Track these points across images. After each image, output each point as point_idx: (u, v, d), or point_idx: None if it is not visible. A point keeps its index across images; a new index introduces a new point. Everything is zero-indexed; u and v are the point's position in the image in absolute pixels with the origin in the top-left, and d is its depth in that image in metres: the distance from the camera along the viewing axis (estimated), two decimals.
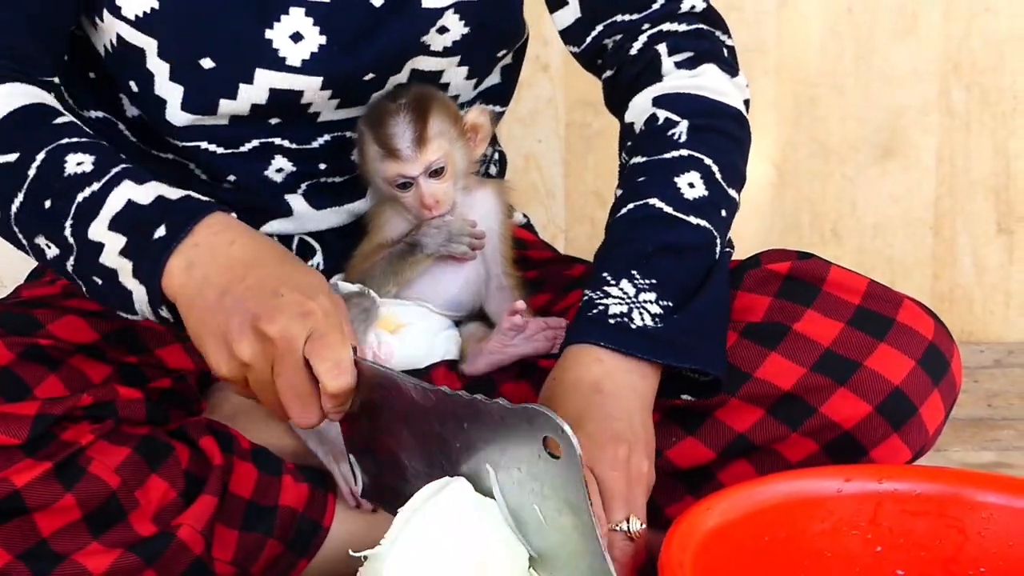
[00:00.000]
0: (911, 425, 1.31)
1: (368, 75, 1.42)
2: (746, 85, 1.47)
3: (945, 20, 2.30)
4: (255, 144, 1.45)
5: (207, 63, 1.38)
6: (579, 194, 2.37)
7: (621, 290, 1.28)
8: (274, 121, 1.44)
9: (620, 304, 1.27)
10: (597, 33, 1.49)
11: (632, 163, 1.40)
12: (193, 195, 1.27)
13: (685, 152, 1.37)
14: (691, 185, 1.35)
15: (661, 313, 1.27)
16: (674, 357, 1.27)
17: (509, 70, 1.57)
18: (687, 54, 1.44)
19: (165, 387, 1.38)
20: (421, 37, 1.42)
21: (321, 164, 1.48)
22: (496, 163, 1.65)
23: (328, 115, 1.45)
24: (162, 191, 1.26)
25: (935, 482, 1.22)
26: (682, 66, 1.44)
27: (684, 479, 1.36)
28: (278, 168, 1.47)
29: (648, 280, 1.29)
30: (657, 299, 1.28)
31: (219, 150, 1.44)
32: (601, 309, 1.28)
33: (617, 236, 1.34)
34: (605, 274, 1.30)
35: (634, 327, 1.26)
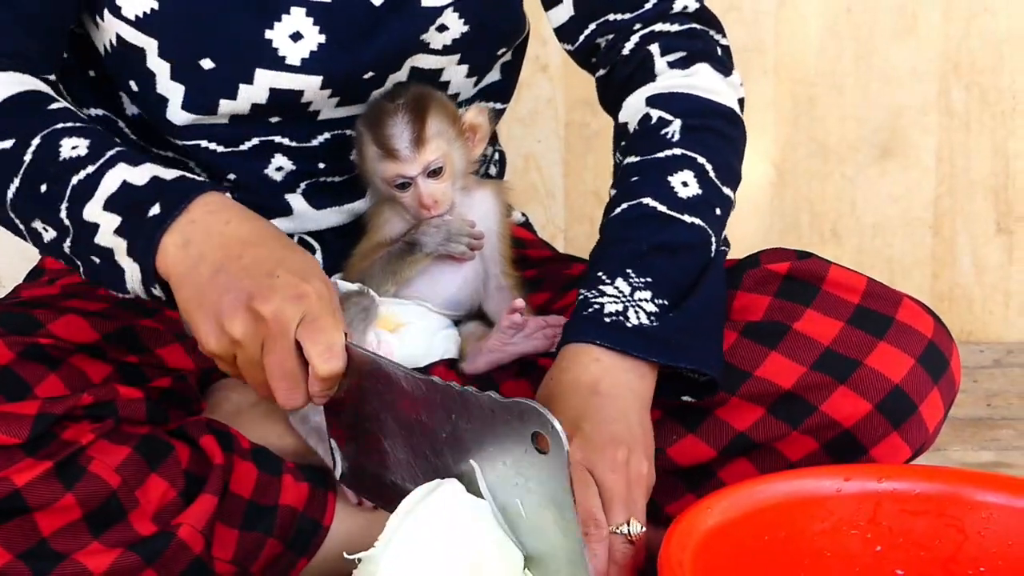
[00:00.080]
0: (911, 423, 1.31)
1: (368, 74, 1.42)
2: (740, 84, 1.47)
3: (944, 20, 2.30)
4: (255, 142, 1.45)
5: (207, 63, 1.38)
6: (578, 194, 2.36)
7: (616, 289, 1.28)
8: (274, 120, 1.44)
9: (615, 303, 1.27)
10: (590, 32, 1.49)
11: (626, 163, 1.40)
12: (188, 175, 1.27)
13: (678, 151, 1.38)
14: (685, 184, 1.35)
15: (656, 312, 1.27)
16: (670, 356, 1.27)
17: (509, 67, 1.57)
18: (680, 54, 1.44)
19: (165, 387, 1.38)
20: (421, 35, 1.42)
21: (320, 163, 1.48)
22: (496, 163, 1.65)
23: (328, 113, 1.45)
24: (157, 172, 1.26)
25: (935, 481, 1.22)
26: (675, 66, 1.44)
27: (684, 477, 1.36)
28: (278, 167, 1.47)
29: (643, 279, 1.29)
30: (652, 298, 1.28)
31: (219, 148, 1.44)
32: (596, 308, 1.28)
33: (611, 235, 1.35)
34: (600, 273, 1.30)
35: (630, 326, 1.26)
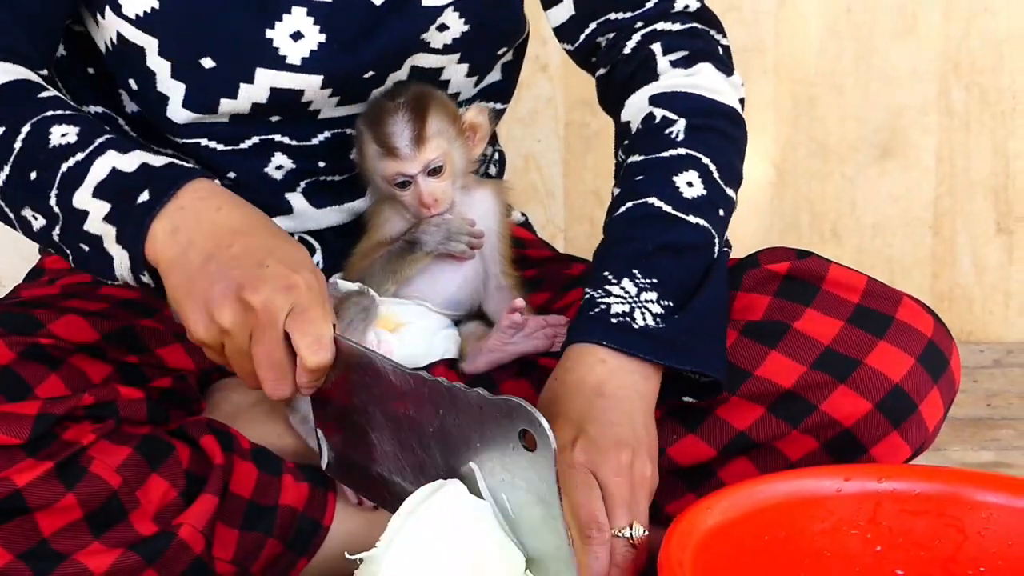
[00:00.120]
0: (911, 422, 1.31)
1: (368, 73, 1.42)
2: (741, 84, 1.47)
3: (944, 20, 2.29)
4: (255, 141, 1.45)
5: (207, 63, 1.38)
6: (578, 194, 2.36)
7: (623, 289, 1.28)
8: (274, 118, 1.44)
9: (622, 303, 1.27)
10: (590, 31, 1.49)
11: (629, 161, 1.40)
12: (177, 161, 1.27)
13: (683, 151, 1.38)
14: (690, 184, 1.35)
15: (662, 313, 1.27)
16: (675, 358, 1.27)
17: (510, 67, 1.57)
18: (682, 53, 1.44)
19: (165, 387, 1.38)
20: (421, 35, 1.42)
21: (320, 162, 1.48)
22: (496, 163, 1.65)
23: (328, 112, 1.45)
24: (146, 159, 1.26)
25: (935, 481, 1.22)
26: (678, 65, 1.44)
27: (685, 477, 1.36)
28: (278, 165, 1.47)
29: (649, 279, 1.29)
30: (658, 299, 1.28)
31: (219, 147, 1.44)
32: (603, 308, 1.28)
33: (616, 235, 1.34)
34: (606, 273, 1.30)
35: (636, 327, 1.26)
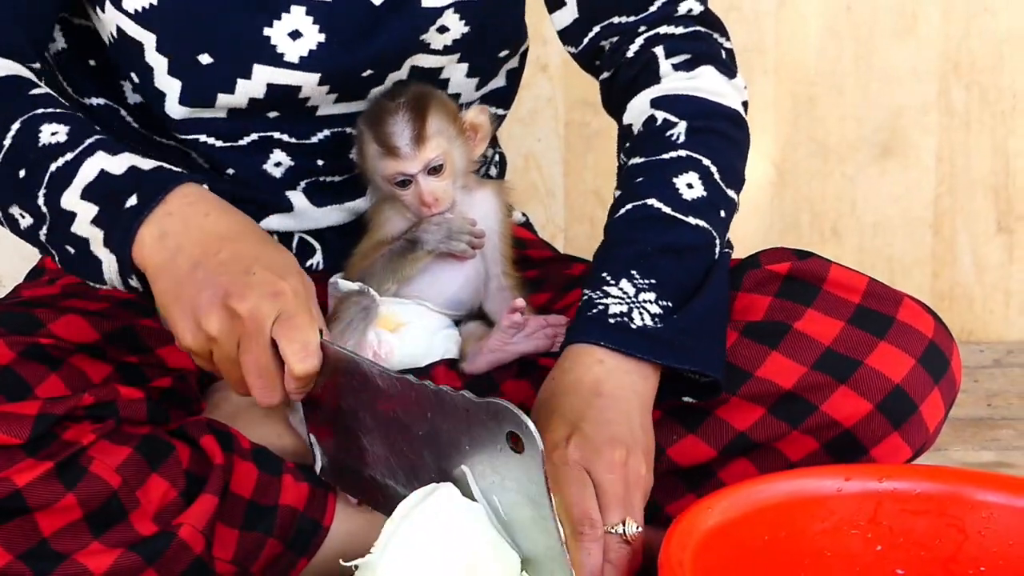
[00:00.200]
0: (912, 423, 1.31)
1: (366, 72, 1.42)
2: (744, 87, 1.47)
3: (944, 20, 2.29)
4: (254, 138, 1.45)
5: (205, 59, 1.38)
6: (579, 193, 2.36)
7: (621, 290, 1.28)
8: (272, 115, 1.44)
9: (620, 304, 1.27)
10: (594, 34, 1.49)
11: (630, 164, 1.40)
12: (166, 165, 1.28)
13: (683, 153, 1.37)
14: (690, 186, 1.35)
15: (661, 313, 1.27)
16: (673, 358, 1.26)
17: (514, 73, 1.57)
18: (684, 56, 1.44)
19: (166, 387, 1.38)
20: (421, 36, 1.42)
21: (319, 161, 1.48)
22: (496, 164, 1.65)
23: (326, 109, 1.45)
24: (135, 161, 1.27)
25: (935, 481, 1.22)
26: (679, 68, 1.44)
27: (685, 477, 1.36)
28: (276, 162, 1.47)
29: (647, 280, 1.29)
30: (657, 299, 1.28)
31: (218, 143, 1.44)
32: (601, 309, 1.28)
33: (616, 236, 1.34)
34: (604, 274, 1.30)
35: (634, 327, 1.26)
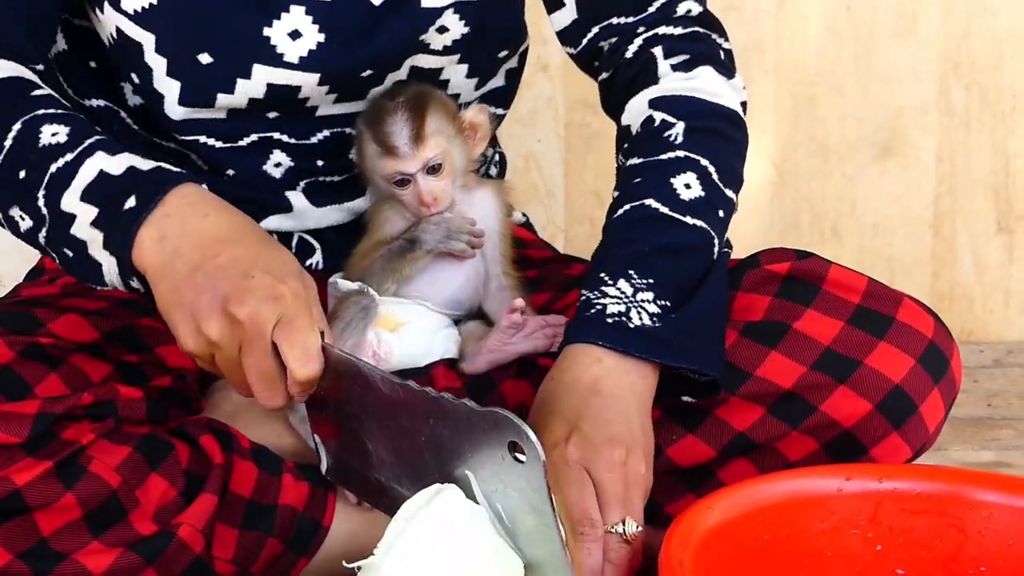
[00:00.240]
0: (911, 423, 1.31)
1: (366, 72, 1.42)
2: (743, 87, 1.47)
3: (944, 20, 2.29)
4: (253, 138, 1.45)
5: (205, 59, 1.38)
6: (579, 194, 2.36)
7: (619, 290, 1.28)
8: (272, 115, 1.44)
9: (618, 303, 1.27)
10: (593, 35, 1.49)
11: (629, 165, 1.40)
12: (165, 166, 1.27)
13: (681, 153, 1.38)
14: (687, 186, 1.35)
15: (659, 313, 1.27)
16: (671, 357, 1.26)
17: (513, 73, 1.57)
18: (683, 57, 1.44)
19: (165, 386, 1.37)
20: (420, 36, 1.42)
21: (319, 161, 1.48)
22: (496, 164, 1.65)
23: (326, 110, 1.45)
24: (134, 162, 1.26)
25: (935, 481, 1.22)
26: (678, 69, 1.44)
27: (684, 477, 1.36)
28: (276, 163, 1.47)
29: (645, 280, 1.29)
30: (655, 299, 1.28)
31: (217, 144, 1.44)
32: (599, 309, 1.28)
33: (614, 237, 1.34)
34: (602, 274, 1.30)
35: (632, 326, 1.26)
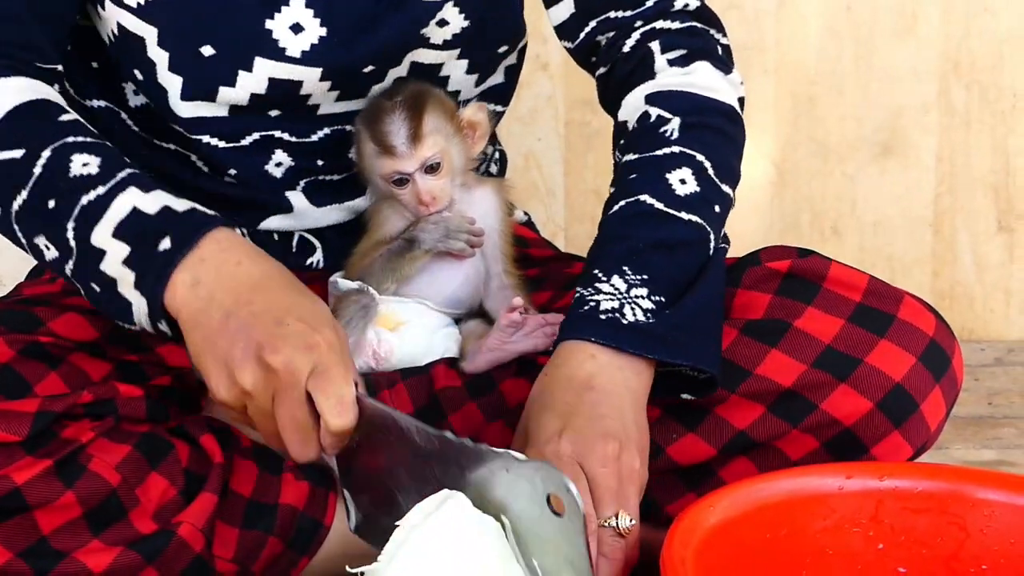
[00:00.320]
0: (912, 422, 1.31)
1: (368, 67, 1.42)
2: (740, 83, 1.47)
3: (944, 19, 2.29)
4: (255, 137, 1.45)
5: (207, 51, 1.38)
6: (579, 192, 2.36)
7: (612, 286, 1.28)
8: (274, 113, 1.43)
9: (611, 300, 1.27)
10: (590, 29, 1.49)
11: (625, 161, 1.40)
12: (199, 208, 1.26)
13: (677, 149, 1.37)
14: (683, 181, 1.35)
15: (653, 309, 1.27)
16: (665, 352, 1.26)
17: (512, 70, 1.57)
18: (680, 51, 1.44)
19: (165, 385, 1.37)
20: (421, 30, 1.42)
21: (320, 160, 1.48)
22: (496, 162, 1.65)
23: (327, 107, 1.45)
24: (168, 201, 1.25)
25: (936, 479, 1.22)
26: (675, 63, 1.44)
27: (684, 476, 1.36)
28: (277, 162, 1.47)
29: (639, 276, 1.29)
30: (649, 295, 1.28)
31: (220, 144, 1.44)
32: (592, 305, 1.27)
33: (608, 233, 1.34)
34: (596, 271, 1.30)
35: (625, 322, 1.26)
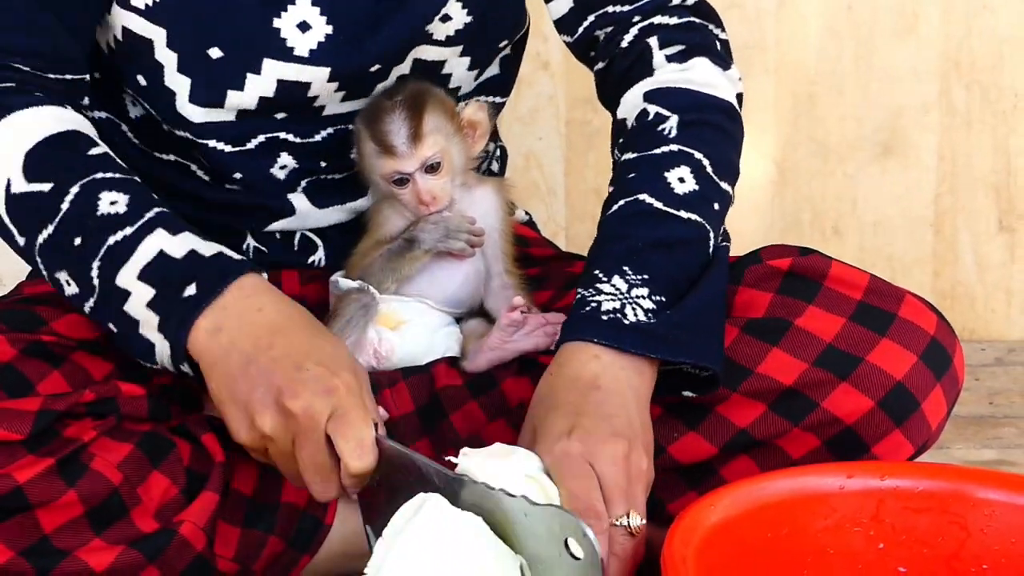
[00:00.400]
0: (913, 420, 1.31)
1: (374, 66, 1.42)
2: (739, 79, 1.46)
3: (945, 19, 2.29)
4: (261, 140, 1.45)
5: (215, 52, 1.38)
6: (580, 192, 2.36)
7: (613, 286, 1.28)
8: (280, 116, 1.43)
9: (612, 300, 1.27)
10: (589, 24, 1.48)
11: (623, 159, 1.40)
12: (225, 252, 1.28)
13: (675, 147, 1.37)
14: (681, 180, 1.35)
15: (654, 308, 1.27)
16: (667, 351, 1.26)
17: (508, 61, 1.57)
18: (678, 47, 1.44)
19: (167, 384, 1.38)
20: (426, 26, 1.42)
21: (322, 161, 1.48)
22: (497, 159, 1.65)
23: (333, 109, 1.45)
24: (195, 245, 1.27)
25: (937, 479, 1.22)
26: (673, 59, 1.44)
27: (686, 475, 1.36)
28: (282, 165, 1.47)
29: (640, 276, 1.29)
30: (649, 294, 1.28)
31: (227, 148, 1.44)
32: (594, 306, 1.27)
33: (608, 233, 1.34)
34: (597, 271, 1.30)
35: (627, 323, 1.26)
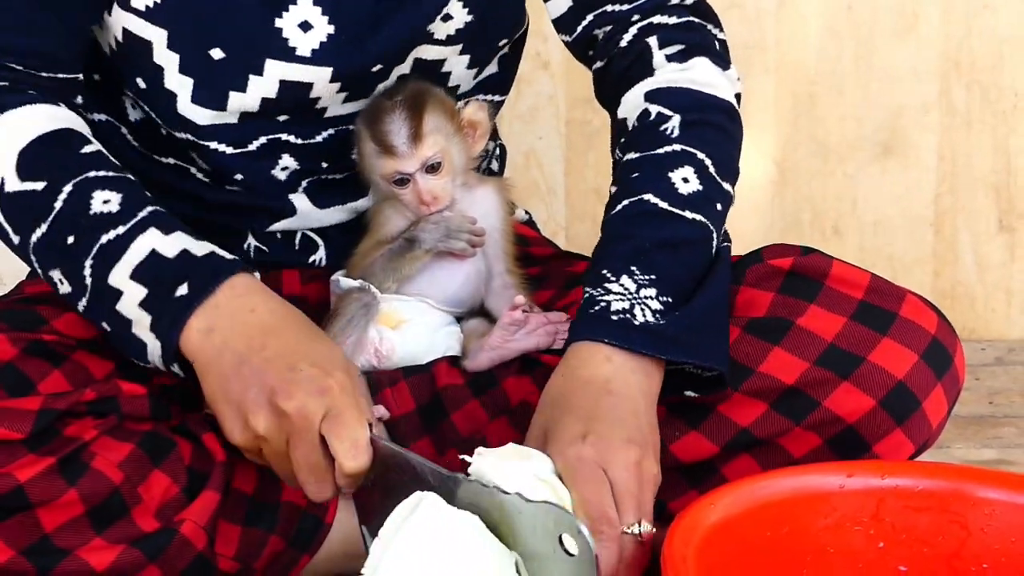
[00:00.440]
0: (914, 419, 1.31)
1: (376, 66, 1.42)
2: (738, 78, 1.47)
3: (945, 19, 2.29)
4: (263, 141, 1.44)
5: (217, 53, 1.38)
6: (580, 191, 2.36)
7: (622, 286, 1.28)
8: (282, 117, 1.43)
9: (622, 300, 1.27)
10: (588, 23, 1.49)
11: (626, 159, 1.40)
12: (217, 251, 1.28)
13: (678, 147, 1.37)
14: (685, 180, 1.35)
15: (662, 309, 1.27)
16: (677, 353, 1.26)
17: (507, 59, 1.57)
18: (678, 47, 1.44)
19: (168, 383, 1.38)
20: (427, 25, 1.42)
21: (324, 162, 1.48)
22: (497, 158, 1.65)
23: (334, 110, 1.45)
24: (187, 244, 1.27)
25: (937, 478, 1.22)
26: (673, 59, 1.44)
27: (687, 473, 1.36)
28: (283, 166, 1.47)
29: (648, 276, 1.29)
30: (657, 295, 1.28)
31: (228, 150, 1.44)
32: (603, 305, 1.27)
33: (613, 233, 1.34)
34: (605, 271, 1.30)
35: (637, 323, 1.26)
